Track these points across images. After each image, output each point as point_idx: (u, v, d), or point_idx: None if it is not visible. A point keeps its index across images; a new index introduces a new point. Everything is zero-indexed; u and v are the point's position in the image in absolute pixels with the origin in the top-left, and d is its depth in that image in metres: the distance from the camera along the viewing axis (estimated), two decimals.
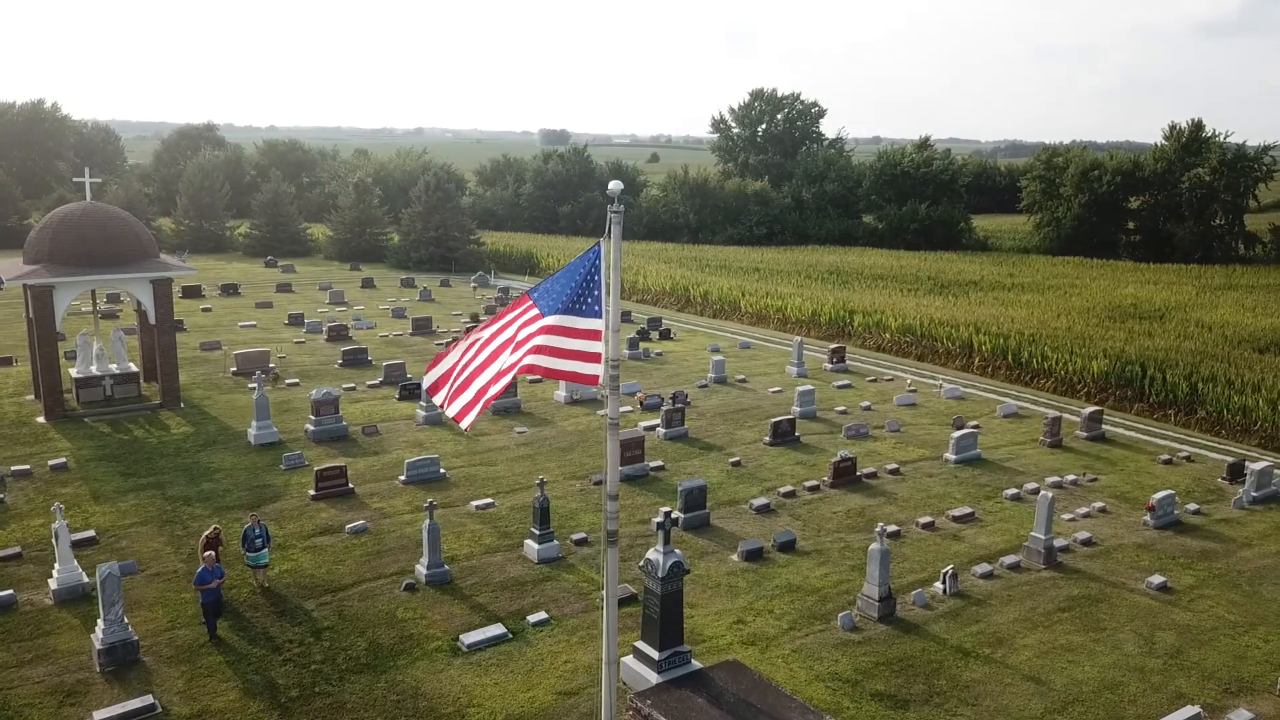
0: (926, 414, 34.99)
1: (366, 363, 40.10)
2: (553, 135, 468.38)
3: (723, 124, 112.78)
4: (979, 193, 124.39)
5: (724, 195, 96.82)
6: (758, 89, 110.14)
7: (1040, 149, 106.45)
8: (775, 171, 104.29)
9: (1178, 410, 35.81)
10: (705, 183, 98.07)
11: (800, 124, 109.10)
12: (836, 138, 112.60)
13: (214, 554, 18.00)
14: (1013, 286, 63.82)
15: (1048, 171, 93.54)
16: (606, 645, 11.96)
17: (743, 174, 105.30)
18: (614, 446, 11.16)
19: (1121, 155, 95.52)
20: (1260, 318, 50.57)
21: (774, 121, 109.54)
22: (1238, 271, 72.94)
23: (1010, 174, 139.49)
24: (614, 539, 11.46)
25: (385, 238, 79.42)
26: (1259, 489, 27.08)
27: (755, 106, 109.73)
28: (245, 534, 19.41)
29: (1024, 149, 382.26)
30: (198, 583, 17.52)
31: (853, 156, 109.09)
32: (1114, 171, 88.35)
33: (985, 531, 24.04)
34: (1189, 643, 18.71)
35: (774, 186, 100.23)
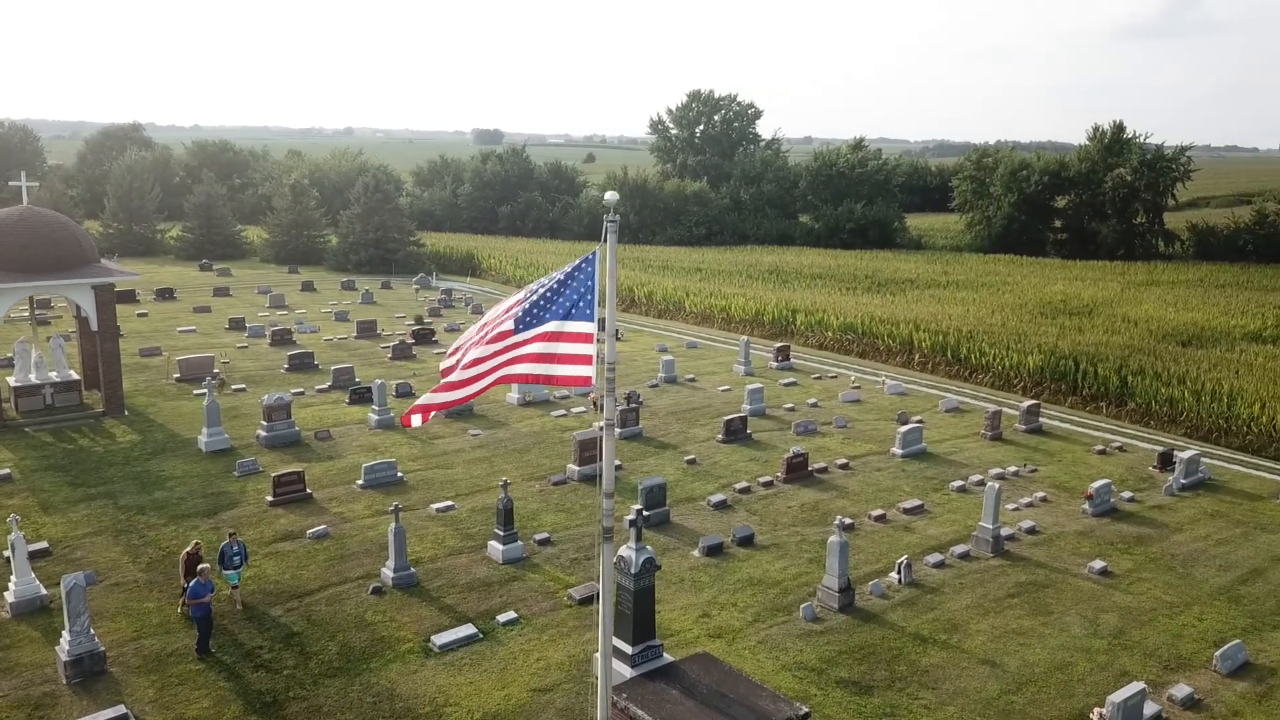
0: (871, 410, 35.90)
1: (313, 367, 39.76)
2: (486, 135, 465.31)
3: (660, 125, 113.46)
4: (911, 192, 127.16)
5: (663, 196, 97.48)
6: (695, 90, 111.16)
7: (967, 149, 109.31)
8: (713, 172, 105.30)
9: (1109, 402, 37.29)
10: (645, 183, 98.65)
11: (737, 125, 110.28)
12: (773, 139, 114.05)
13: (208, 567, 17.70)
14: (947, 284, 65.49)
15: (978, 171, 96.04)
16: (602, 639, 12.30)
17: (681, 175, 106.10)
18: (610, 446, 11.51)
19: (1048, 156, 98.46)
20: (1182, 312, 52.72)
21: (711, 123, 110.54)
22: (1159, 268, 75.78)
23: (941, 174, 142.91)
24: (609, 535, 11.80)
25: (323, 240, 78.48)
26: (1187, 476, 28.42)
27: (693, 108, 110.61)
28: (223, 551, 19.05)
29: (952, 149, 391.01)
30: (191, 596, 17.27)
31: (788, 157, 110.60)
32: (1041, 171, 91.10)
33: (935, 523, 24.87)
34: (1130, 623, 19.68)
35: (712, 187, 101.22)
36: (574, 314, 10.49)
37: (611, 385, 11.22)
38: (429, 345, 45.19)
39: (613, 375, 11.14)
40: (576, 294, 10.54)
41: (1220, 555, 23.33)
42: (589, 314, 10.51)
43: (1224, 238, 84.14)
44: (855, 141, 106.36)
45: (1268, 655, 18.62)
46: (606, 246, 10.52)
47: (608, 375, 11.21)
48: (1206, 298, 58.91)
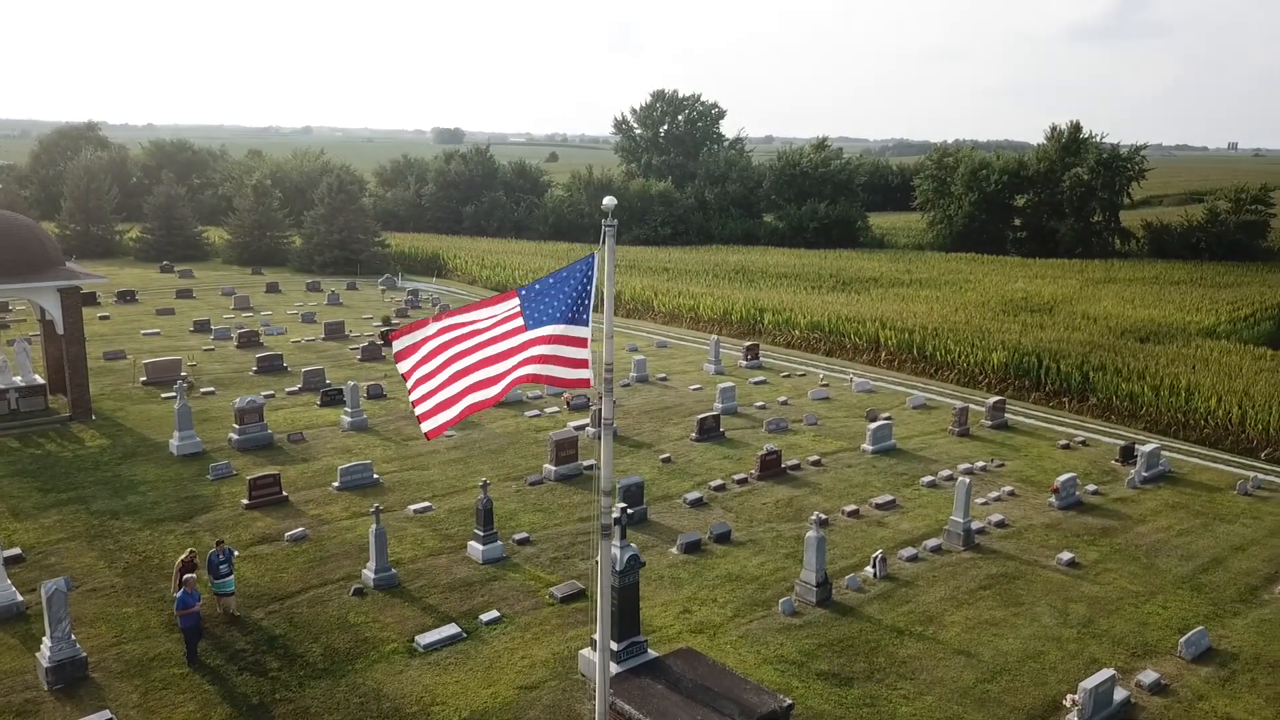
0: (840, 407, 36.40)
1: (283, 369, 39.51)
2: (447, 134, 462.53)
3: (625, 124, 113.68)
4: (873, 191, 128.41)
5: (629, 196, 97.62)
6: (659, 90, 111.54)
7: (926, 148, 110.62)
8: (678, 172, 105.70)
9: (1071, 398, 38.09)
10: (610, 183, 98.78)
11: (701, 125, 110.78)
12: (737, 138, 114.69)
13: (194, 578, 17.44)
14: (911, 282, 66.36)
15: (939, 171, 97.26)
16: (600, 635, 12.47)
17: (646, 174, 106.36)
18: (608, 445, 11.70)
19: (1007, 155, 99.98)
20: (1139, 309, 53.92)
21: (675, 123, 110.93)
22: (1116, 265, 77.30)
23: (902, 173, 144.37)
24: (608, 532, 12.01)
25: (286, 241, 77.81)
26: (1149, 469, 29.18)
27: (657, 108, 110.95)
28: (210, 560, 18.80)
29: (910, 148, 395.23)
30: (179, 607, 17.06)
31: (752, 157, 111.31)
32: (1001, 171, 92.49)
33: (907, 517, 25.34)
34: (1098, 613, 20.23)
35: (677, 187, 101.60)
36: (573, 317, 10.69)
37: (609, 386, 11.44)
38: None
39: (610, 376, 11.35)
40: (575, 297, 10.73)
41: (1182, 545, 24.01)
42: (585, 318, 10.72)
43: (1177, 236, 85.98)
44: (818, 141, 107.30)
45: (1229, 641, 19.24)
46: (605, 250, 10.72)
47: (605, 376, 11.42)
48: (1162, 295, 60.26)
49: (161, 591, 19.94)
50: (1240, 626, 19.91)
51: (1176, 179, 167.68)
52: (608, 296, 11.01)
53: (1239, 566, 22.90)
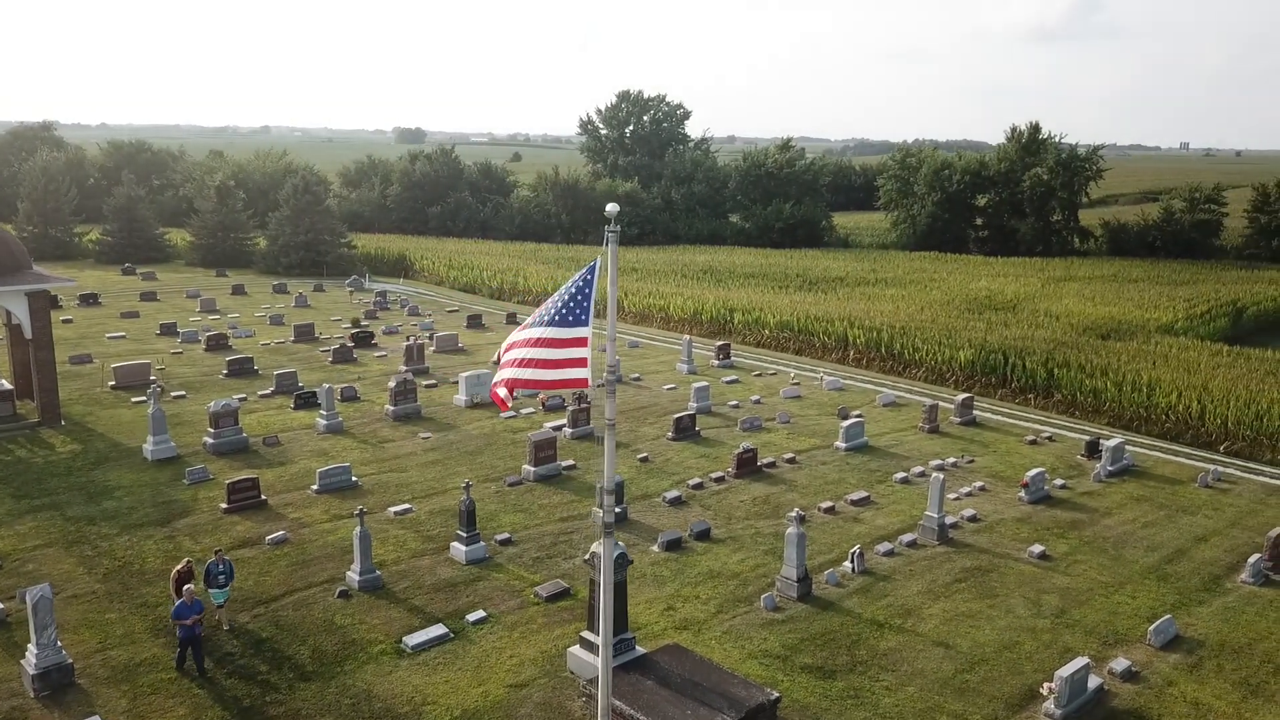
0: (812, 405, 36.88)
1: (253, 372, 39.24)
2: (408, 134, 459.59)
3: (590, 125, 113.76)
4: (836, 191, 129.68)
5: (595, 196, 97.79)
6: (624, 90, 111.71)
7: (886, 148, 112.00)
8: (644, 172, 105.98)
9: (1037, 394, 38.89)
10: (576, 183, 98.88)
11: (666, 125, 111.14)
12: (702, 139, 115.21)
13: (192, 588, 17.18)
14: (876, 282, 67.18)
15: (902, 171, 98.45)
16: (603, 629, 12.66)
17: (612, 175, 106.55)
18: (610, 445, 11.93)
19: (969, 155, 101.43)
20: (1100, 306, 55.05)
21: (641, 123, 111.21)
22: (1075, 264, 78.74)
23: (865, 173, 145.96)
24: (610, 530, 12.22)
25: (251, 242, 77.06)
26: (1113, 463, 29.92)
27: (622, 108, 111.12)
28: (208, 570, 18.57)
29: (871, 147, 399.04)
30: (175, 617, 16.88)
31: (718, 157, 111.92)
32: (963, 171, 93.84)
33: (882, 513, 25.81)
34: (1070, 603, 20.79)
35: (644, 187, 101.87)
36: (572, 320, 10.93)
37: (613, 387, 11.67)
38: (369, 348, 44.92)
39: (614, 377, 11.59)
40: (575, 301, 10.97)
41: (1147, 537, 24.71)
42: (585, 319, 10.96)
43: (1135, 235, 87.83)
44: (783, 142, 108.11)
45: (1195, 629, 19.88)
46: (607, 255, 10.96)
47: (608, 377, 11.66)
48: (1121, 292, 61.55)
49: (144, 597, 19.88)
50: (1205, 614, 20.56)
51: (1132, 178, 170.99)
52: (611, 300, 11.26)
53: (1202, 556, 23.62)
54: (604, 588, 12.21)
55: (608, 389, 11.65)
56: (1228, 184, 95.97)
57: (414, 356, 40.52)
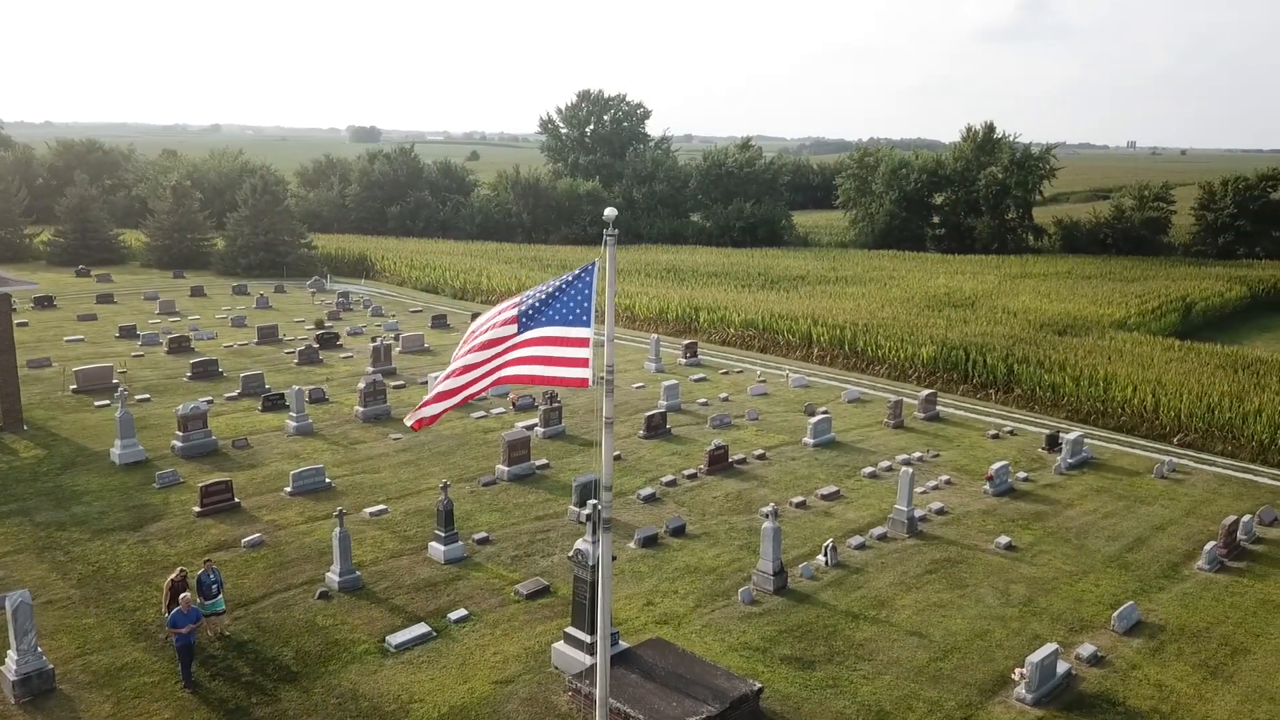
0: (779, 402, 37.38)
1: (218, 375, 38.90)
2: (363, 132, 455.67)
3: (551, 124, 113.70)
4: (795, 190, 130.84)
5: (556, 195, 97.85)
6: (584, 90, 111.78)
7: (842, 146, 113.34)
8: (605, 172, 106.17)
9: (998, 389, 39.75)
10: (537, 183, 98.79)
11: (627, 125, 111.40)
12: (663, 138, 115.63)
13: (188, 596, 17.01)
14: (836, 280, 68.00)
15: (860, 170, 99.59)
16: (601, 624, 12.85)
17: (573, 174, 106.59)
18: (608, 443, 12.16)
19: (926, 155, 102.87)
20: (1055, 303, 56.26)
21: (601, 122, 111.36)
22: (1030, 261, 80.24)
23: (823, 172, 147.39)
24: (608, 526, 12.45)
25: (208, 243, 76.09)
26: (1073, 456, 30.74)
27: (583, 107, 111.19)
28: (200, 579, 18.34)
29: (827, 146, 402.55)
30: (170, 626, 16.68)
31: (678, 157, 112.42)
32: (920, 170, 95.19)
33: (852, 507, 26.32)
34: (1037, 592, 21.41)
35: (605, 187, 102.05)
36: (573, 320, 11.18)
37: (610, 386, 11.92)
38: (334, 349, 44.70)
39: (611, 377, 11.84)
40: (575, 301, 11.22)
41: (1108, 527, 25.46)
42: (586, 320, 11.21)
43: (1087, 232, 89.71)
44: (743, 141, 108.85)
45: (1156, 614, 20.58)
46: (606, 258, 11.21)
47: (606, 377, 11.90)
48: (1075, 289, 62.91)
49: (121, 601, 19.77)
50: (1165, 600, 21.29)
51: (1082, 176, 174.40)
52: (609, 301, 11.51)
53: (1160, 545, 24.41)
54: (603, 581, 12.44)
55: (606, 389, 11.89)
56: (1174, 182, 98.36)
57: (381, 357, 40.40)
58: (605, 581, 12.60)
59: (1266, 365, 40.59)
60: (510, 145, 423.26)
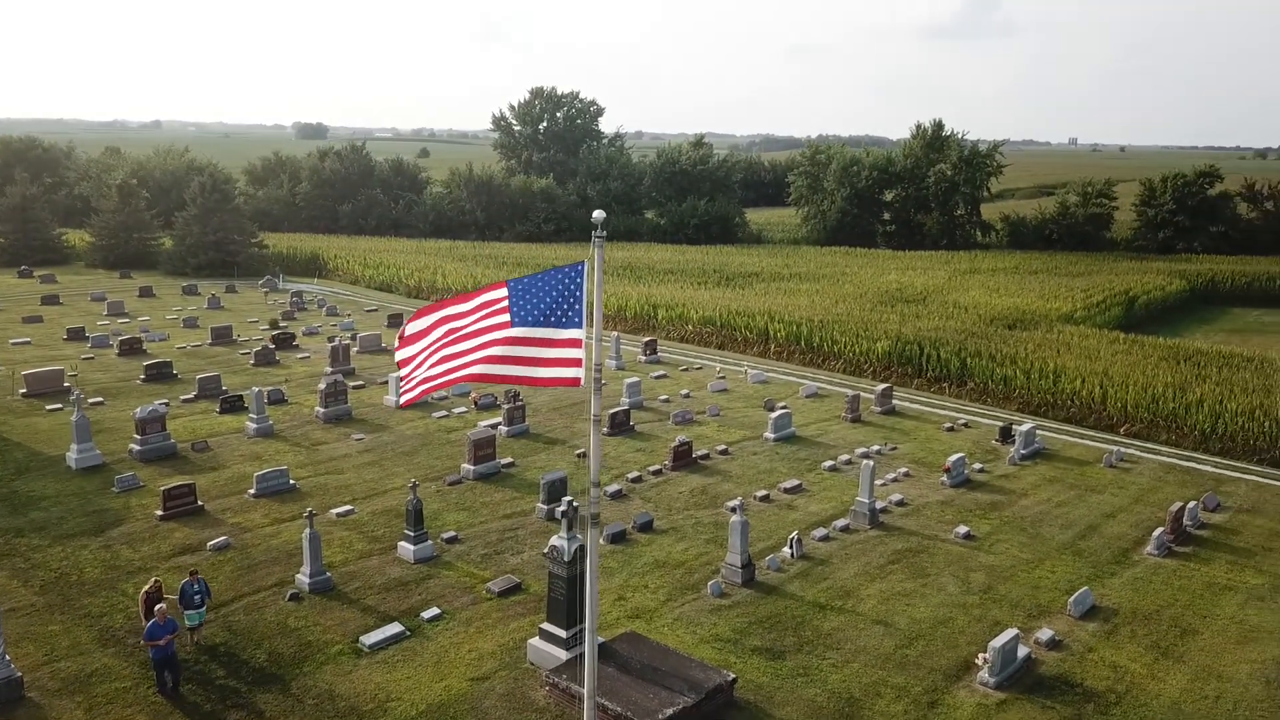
0: (739, 398, 37.83)
1: (173, 377, 38.39)
2: (309, 129, 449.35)
3: (503, 121, 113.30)
4: (747, 187, 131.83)
5: (510, 192, 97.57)
6: (537, 87, 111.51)
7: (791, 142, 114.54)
8: (559, 169, 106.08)
9: (951, 383, 40.59)
10: (490, 180, 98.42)
11: (580, 122, 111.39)
12: (616, 135, 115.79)
13: (164, 608, 16.65)
14: (790, 277, 68.73)
15: (812, 168, 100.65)
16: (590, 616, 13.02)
17: (527, 171, 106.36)
18: (596, 439, 12.37)
19: (876, 152, 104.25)
20: (1004, 298, 57.48)
21: (554, 120, 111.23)
22: (979, 256, 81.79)
23: (774, 169, 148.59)
24: (596, 520, 12.66)
25: (155, 243, 74.79)
26: (1026, 447, 31.55)
27: (536, 104, 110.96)
28: (183, 590, 17.99)
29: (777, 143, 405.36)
30: (147, 638, 16.38)
31: (632, 154, 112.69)
32: (870, 167, 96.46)
33: (814, 500, 26.82)
34: (996, 580, 22.04)
35: (559, 184, 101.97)
36: (565, 322, 11.37)
37: (598, 385, 12.13)
38: (291, 350, 44.28)
39: (599, 376, 12.05)
40: (566, 303, 11.41)
41: (1061, 515, 26.24)
42: (578, 321, 11.42)
43: (1033, 228, 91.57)
44: (696, 139, 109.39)
45: (1109, 598, 21.31)
46: (595, 258, 11.42)
47: (595, 376, 12.11)
48: (1023, 284, 64.28)
49: (87, 608, 19.56)
50: (1117, 585, 22.04)
51: (1026, 173, 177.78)
52: (597, 301, 11.72)
53: (1111, 532, 25.22)
54: (590, 575, 12.66)
55: (595, 388, 12.11)
56: (1115, 179, 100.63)
57: (339, 358, 40.14)
58: (592, 573, 12.81)
59: (1206, 357, 41.94)
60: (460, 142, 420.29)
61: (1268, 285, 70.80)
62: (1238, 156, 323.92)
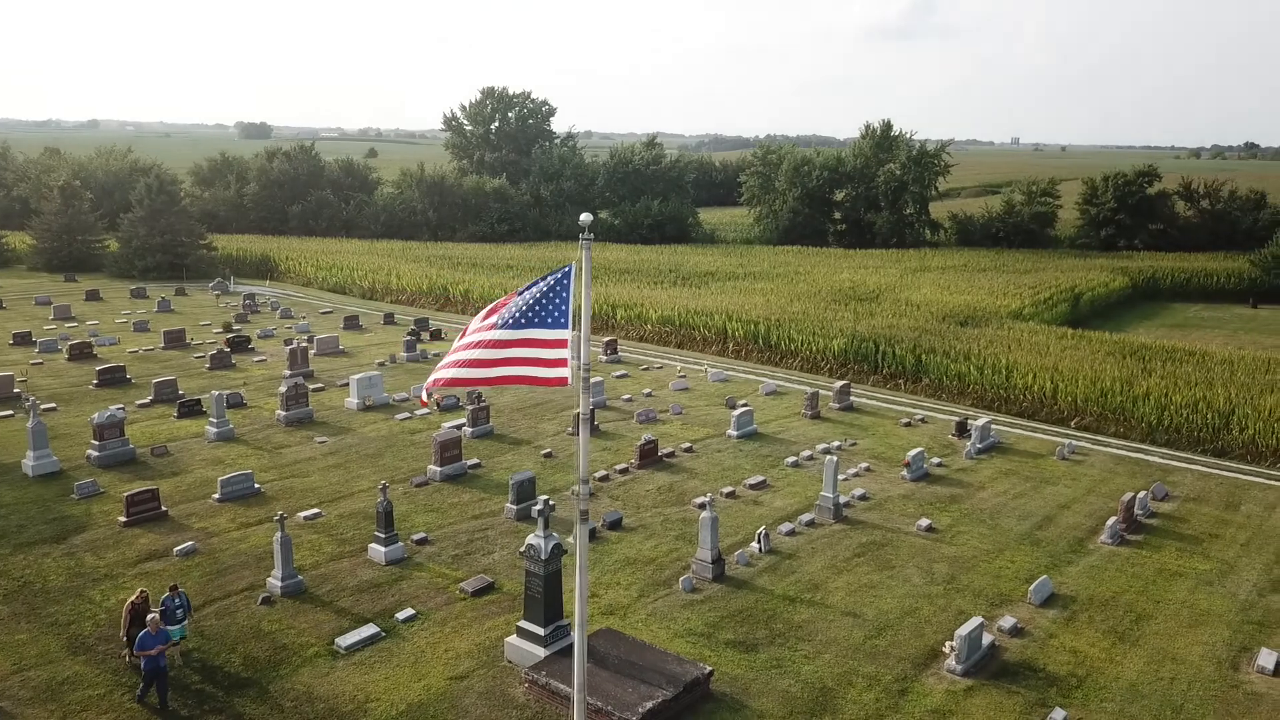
0: (701, 396, 38.22)
1: (127, 381, 37.79)
2: (252, 128, 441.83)
3: (455, 121, 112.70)
4: (699, 187, 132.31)
5: (463, 192, 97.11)
6: (489, 87, 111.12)
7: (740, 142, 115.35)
8: (512, 169, 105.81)
9: (907, 379, 41.40)
10: (443, 180, 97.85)
11: (532, 122, 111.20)
12: (568, 135, 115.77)
13: (156, 618, 16.35)
14: (745, 276, 69.40)
15: (764, 168, 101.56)
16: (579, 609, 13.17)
17: (479, 171, 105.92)
18: (585, 435, 12.54)
19: (828, 152, 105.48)
20: (955, 295, 58.64)
21: (506, 120, 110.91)
22: (928, 254, 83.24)
23: (725, 169, 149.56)
24: (585, 516, 12.84)
25: (100, 245, 73.32)
26: (982, 441, 32.34)
27: (487, 104, 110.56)
28: (164, 604, 17.63)
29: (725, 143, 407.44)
30: (138, 648, 16.06)
31: (585, 154, 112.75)
32: (821, 167, 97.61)
33: (779, 495, 27.25)
34: (958, 570, 22.63)
35: (512, 184, 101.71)
36: (552, 322, 11.59)
37: (586, 383, 12.32)
38: (247, 353, 43.79)
39: (587, 375, 12.24)
40: (555, 304, 11.62)
41: (1018, 507, 26.97)
42: (564, 322, 11.63)
43: (980, 226, 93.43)
44: (649, 139, 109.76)
45: (1067, 586, 22.00)
46: (583, 260, 11.63)
47: (582, 375, 12.31)
48: (973, 281, 65.61)
49: (54, 616, 19.30)
50: (1074, 573, 22.75)
51: (971, 172, 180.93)
52: (585, 302, 11.92)
53: (1066, 522, 26.00)
54: (579, 570, 12.83)
55: (583, 386, 12.31)
56: (1057, 178, 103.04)
57: (298, 360, 39.79)
58: (582, 566, 12.99)
59: (1151, 351, 43.26)
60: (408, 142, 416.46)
61: (1206, 281, 73.12)
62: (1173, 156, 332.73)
